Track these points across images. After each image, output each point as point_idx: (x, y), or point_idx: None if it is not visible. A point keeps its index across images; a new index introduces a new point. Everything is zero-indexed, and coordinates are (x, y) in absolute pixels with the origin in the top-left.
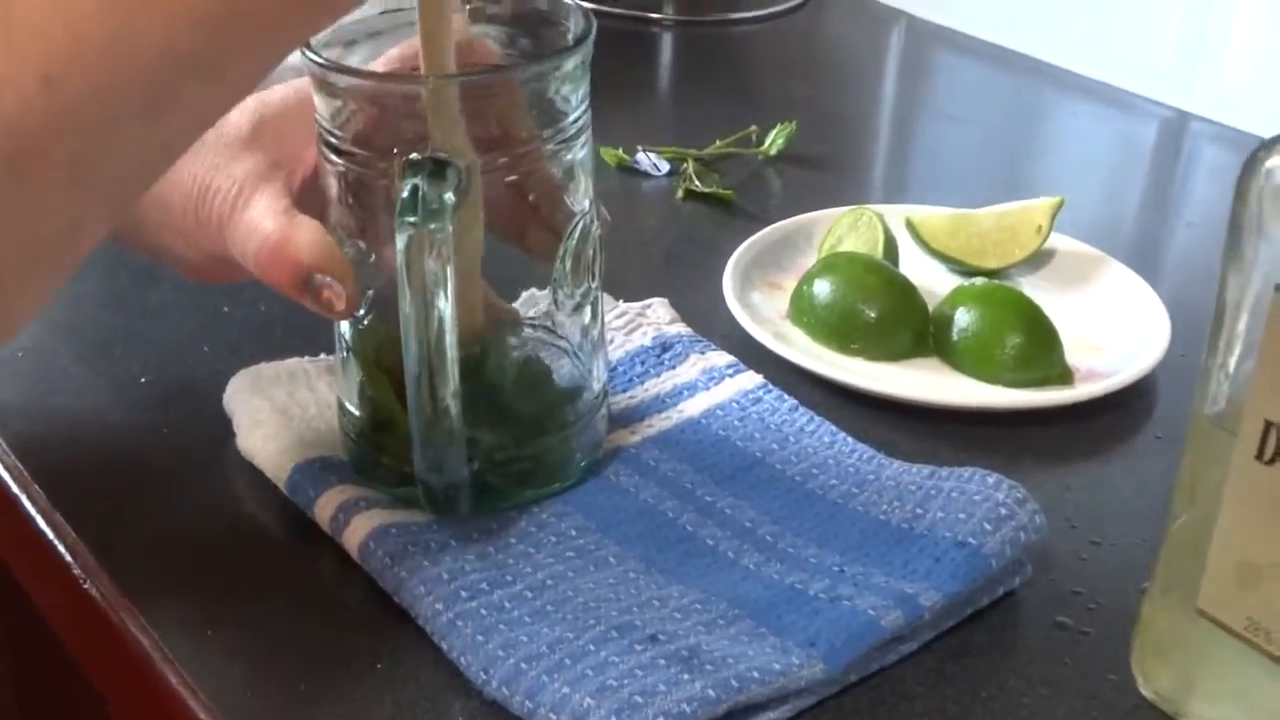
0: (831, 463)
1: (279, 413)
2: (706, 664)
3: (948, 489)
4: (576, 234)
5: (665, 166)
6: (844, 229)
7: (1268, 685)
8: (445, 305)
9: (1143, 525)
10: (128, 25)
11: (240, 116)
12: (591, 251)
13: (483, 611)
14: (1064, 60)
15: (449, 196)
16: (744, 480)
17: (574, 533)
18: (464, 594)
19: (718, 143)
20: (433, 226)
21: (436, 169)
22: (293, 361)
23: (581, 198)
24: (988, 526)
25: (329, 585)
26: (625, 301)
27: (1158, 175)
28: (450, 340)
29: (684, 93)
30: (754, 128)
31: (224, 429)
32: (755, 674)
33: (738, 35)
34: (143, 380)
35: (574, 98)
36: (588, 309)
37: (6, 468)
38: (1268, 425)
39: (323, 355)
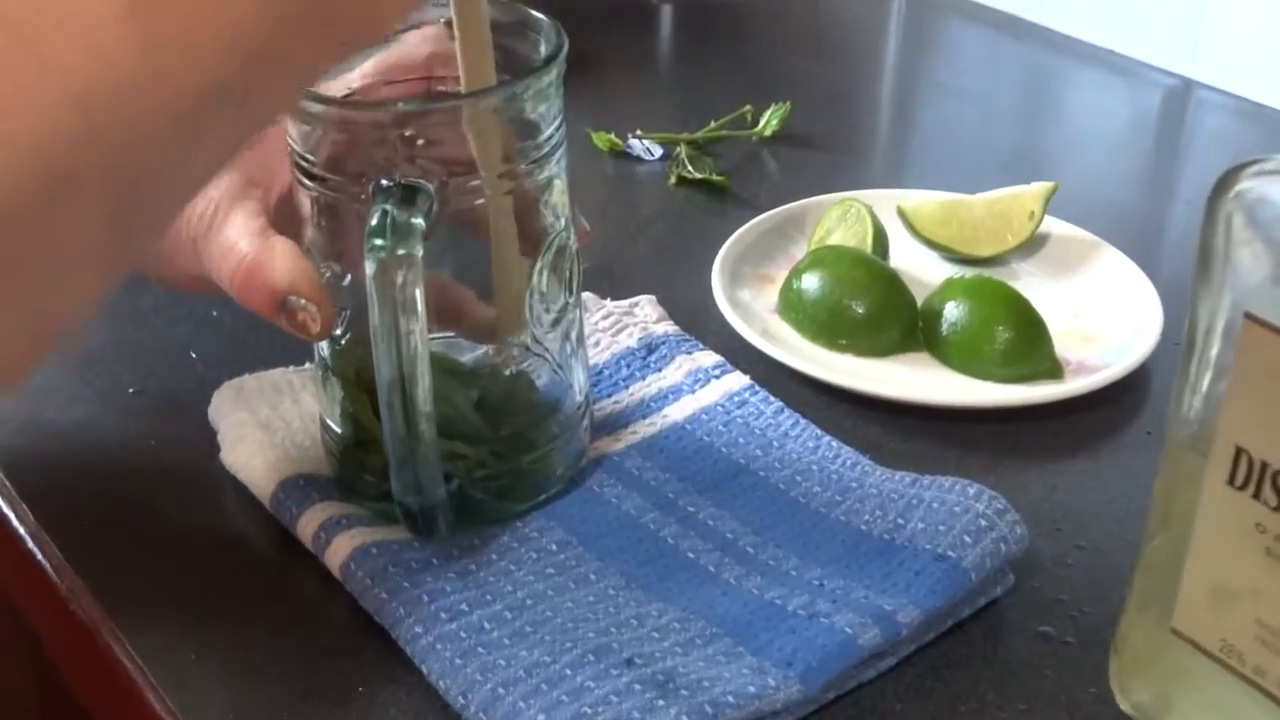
0: (815, 469)
1: (263, 427)
2: (682, 689)
3: (929, 499)
4: (552, 251)
5: (658, 151)
6: (833, 221)
7: (1242, 705)
8: (417, 329)
9: (1128, 527)
10: (156, 52)
11: None
12: (569, 267)
13: (462, 634)
14: (1067, 27)
15: (418, 221)
16: (727, 489)
17: (555, 548)
18: (444, 615)
19: (712, 124)
20: (402, 251)
21: (406, 194)
22: (277, 373)
23: (558, 214)
24: (967, 539)
25: (312, 604)
26: (612, 300)
27: (1159, 149)
28: (423, 365)
29: (681, 71)
30: (749, 108)
31: (211, 442)
32: (730, 699)
33: (738, 7)
34: (131, 390)
35: (548, 114)
36: (566, 321)
37: None
38: (1239, 451)
39: (308, 364)
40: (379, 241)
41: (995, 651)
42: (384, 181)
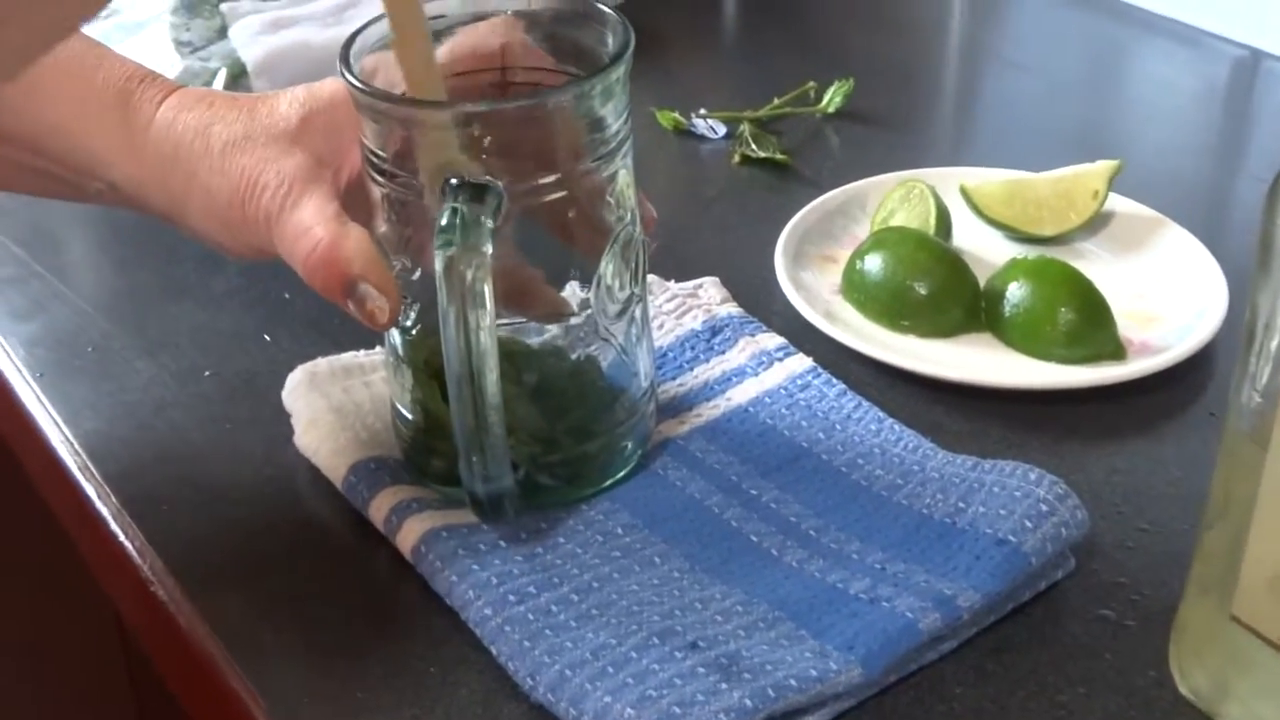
0: (877, 452)
1: (335, 411)
2: (745, 672)
3: (990, 483)
4: (619, 244)
5: (722, 130)
6: (895, 202)
7: None
8: (485, 324)
9: (1190, 510)
10: None
11: (290, 109)
12: (635, 259)
13: (530, 616)
14: None
15: (487, 219)
16: (790, 472)
17: (620, 530)
18: (512, 598)
19: (775, 101)
20: (471, 249)
21: (475, 192)
22: (348, 356)
23: (624, 206)
24: (1028, 524)
25: (384, 586)
26: (676, 282)
27: (1227, 123)
28: (491, 359)
29: (744, 46)
30: (812, 84)
31: (285, 425)
32: (793, 682)
33: None
34: (206, 374)
35: (616, 110)
36: (633, 311)
37: (79, 468)
38: None
39: (378, 348)
40: (448, 239)
41: (1055, 634)
42: (453, 180)
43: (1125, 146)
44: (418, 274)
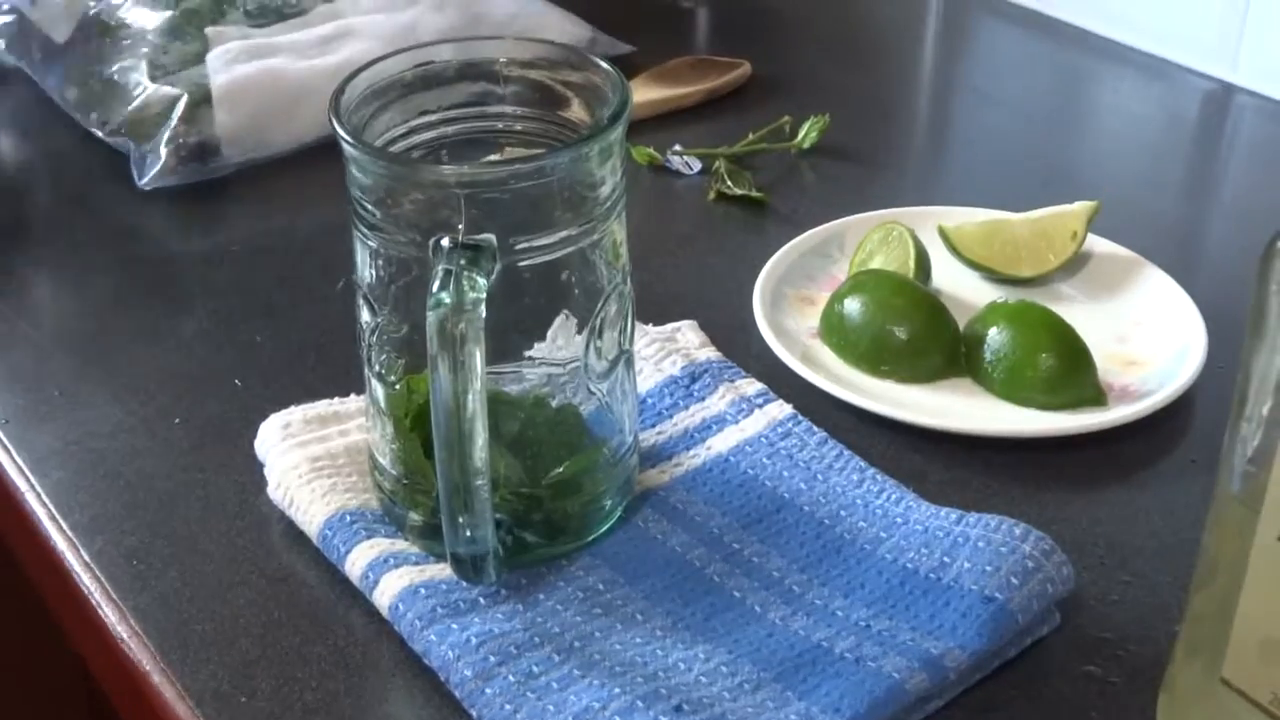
0: (860, 504)
1: (309, 462)
2: None
3: (975, 537)
4: (610, 303)
5: (697, 165)
6: (874, 244)
7: None
8: (474, 388)
9: (1174, 560)
10: None
11: None
12: (624, 317)
13: (511, 678)
14: (1106, 28)
15: (480, 279)
16: (772, 523)
17: (602, 587)
18: (493, 659)
19: (750, 136)
20: (463, 310)
21: (468, 252)
22: (323, 405)
23: (617, 266)
24: (1014, 581)
25: (362, 644)
26: (654, 325)
27: (1199, 158)
28: (479, 423)
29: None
30: (787, 119)
31: (257, 474)
32: None
33: (775, 7)
34: (176, 421)
35: (612, 169)
36: (617, 365)
37: (46, 518)
38: None
39: (353, 395)
40: (441, 301)
41: (1041, 692)
42: (445, 241)
43: (1098, 182)
44: (404, 329)
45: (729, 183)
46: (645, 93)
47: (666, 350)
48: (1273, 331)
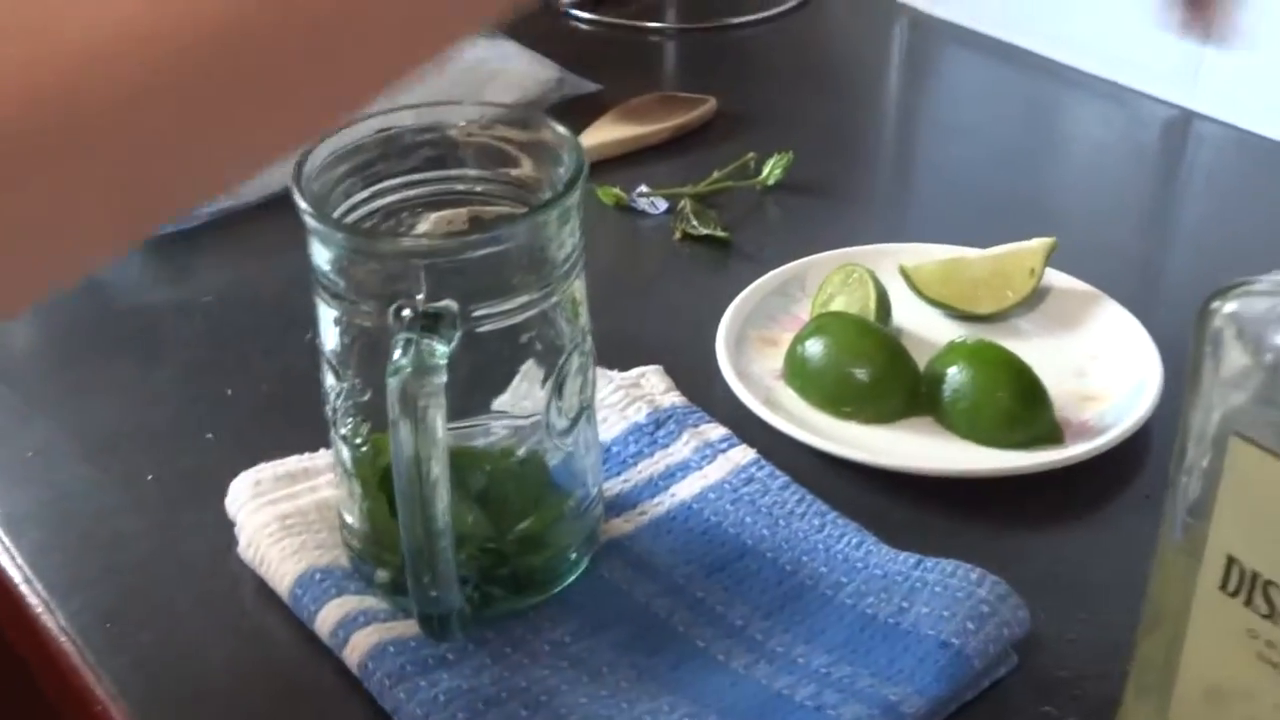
0: (821, 549)
1: (279, 520)
2: None
3: (932, 582)
4: (571, 361)
5: (663, 205)
6: (835, 285)
7: None
8: (436, 454)
9: (1130, 597)
10: None
11: None
12: (585, 374)
13: None
14: (1067, 56)
15: (441, 347)
16: (735, 571)
17: (568, 639)
18: (461, 715)
19: (715, 174)
20: (424, 379)
21: (429, 321)
22: (293, 461)
23: (578, 325)
24: (970, 625)
25: (334, 703)
26: (619, 371)
27: (1159, 188)
28: (442, 488)
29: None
30: (751, 155)
31: (229, 531)
32: None
33: (741, 40)
34: (149, 478)
35: (570, 231)
36: (581, 417)
37: (23, 580)
38: (1230, 560)
39: (322, 450)
40: (401, 368)
41: None
42: (406, 311)
43: (1059, 214)
44: (369, 394)
45: (694, 222)
46: (612, 131)
47: (631, 397)
48: (1207, 389)
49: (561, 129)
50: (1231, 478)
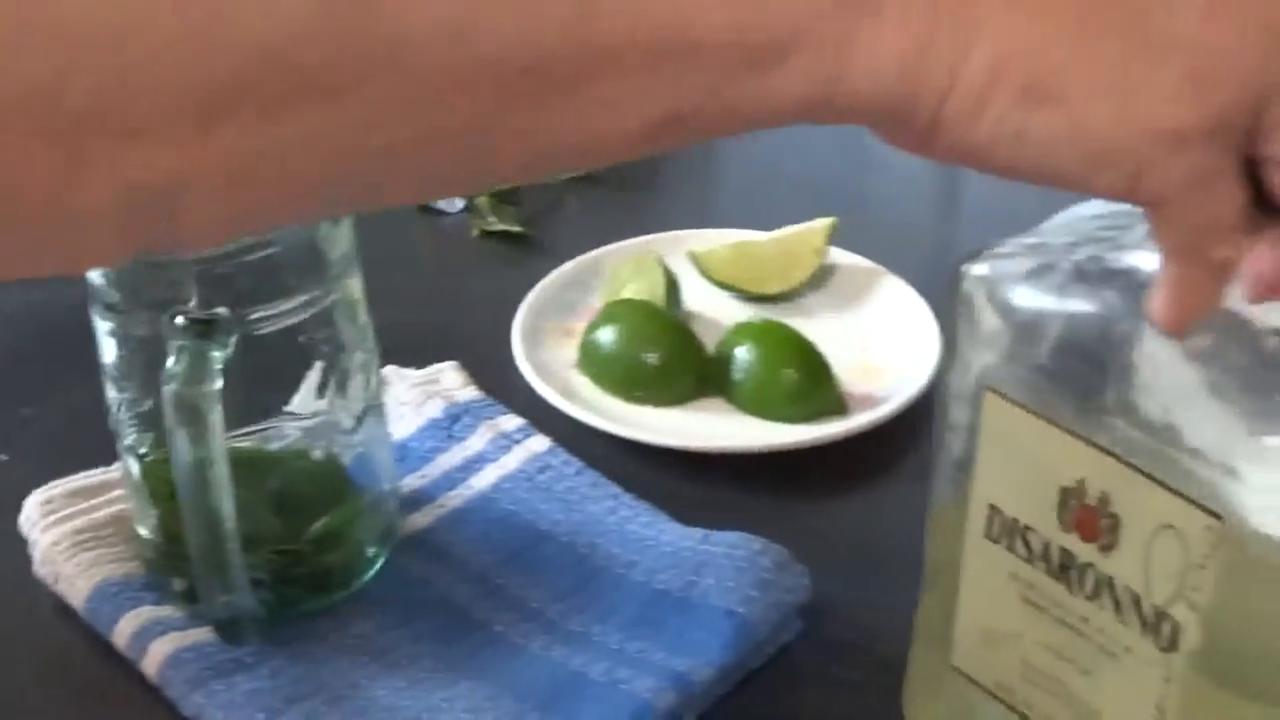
0: (614, 530)
1: (73, 535)
2: None
3: (718, 554)
4: (354, 360)
5: (460, 203)
6: (627, 274)
7: None
8: (216, 457)
9: (913, 559)
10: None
11: None
12: (367, 374)
13: None
14: None
15: (215, 353)
16: (532, 556)
17: (369, 634)
18: (260, 716)
19: None
20: (200, 385)
21: (202, 328)
22: (84, 477)
23: (357, 323)
24: (754, 594)
25: (138, 713)
26: (417, 369)
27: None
28: (224, 491)
29: None
30: None
31: (25, 552)
32: None
33: None
34: None
35: (342, 232)
36: (369, 418)
37: None
38: (992, 508)
39: (116, 465)
40: (176, 377)
41: (789, 698)
42: (179, 319)
43: (847, 195)
44: (149, 404)
45: (491, 217)
46: None
47: (428, 393)
48: (963, 349)
49: None
50: (988, 431)
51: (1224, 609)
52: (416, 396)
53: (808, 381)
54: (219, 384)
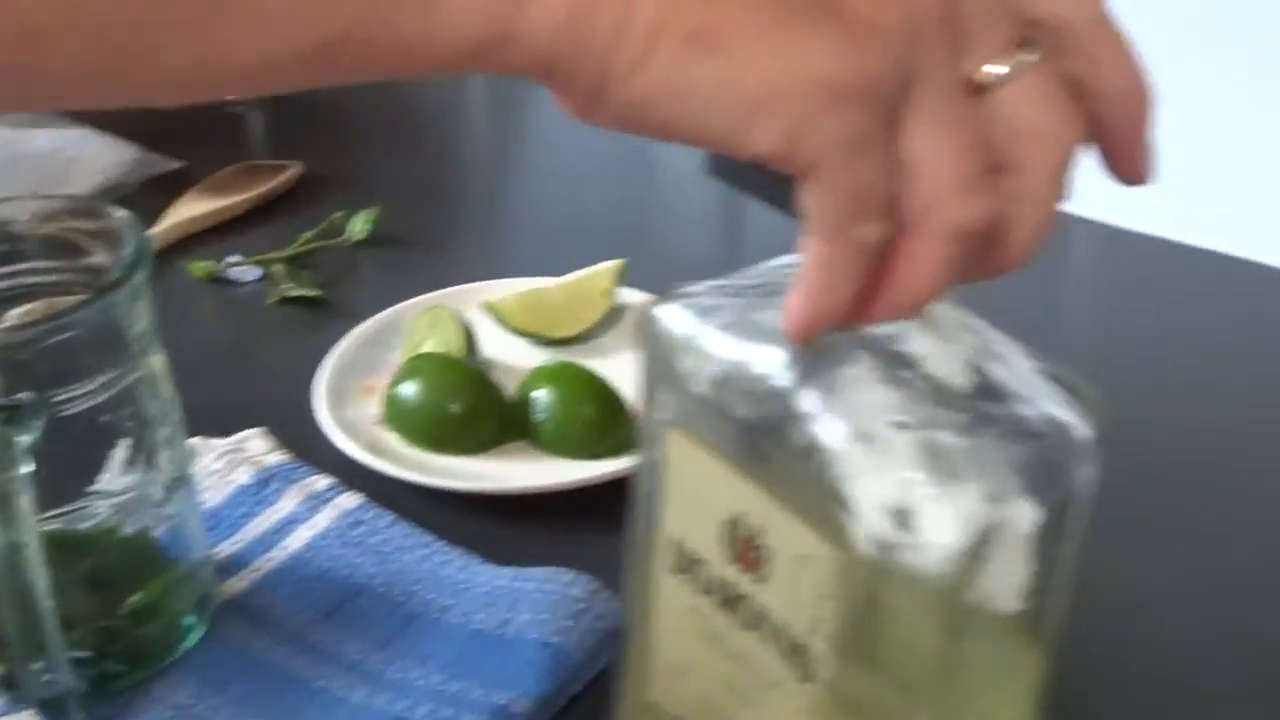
0: (429, 577)
1: None
2: None
3: (531, 590)
4: (161, 434)
5: (256, 272)
6: (424, 329)
7: None
8: (28, 543)
9: None
10: None
11: None
12: (174, 447)
13: None
14: None
15: (21, 439)
16: (350, 609)
17: (190, 701)
18: None
19: (305, 236)
20: (9, 470)
21: (8, 413)
22: None
23: (162, 396)
24: (568, 623)
25: None
26: (222, 438)
27: (727, 199)
28: (38, 574)
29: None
30: (338, 215)
31: None
32: None
33: (331, 104)
34: None
35: (143, 309)
36: (179, 489)
37: None
38: (676, 543)
39: None
40: None
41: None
42: None
43: (636, 238)
44: None
45: (288, 284)
46: (197, 206)
47: (235, 461)
48: (653, 388)
49: (121, 213)
50: (671, 467)
51: (851, 640)
52: (225, 465)
53: (605, 418)
54: (28, 468)
